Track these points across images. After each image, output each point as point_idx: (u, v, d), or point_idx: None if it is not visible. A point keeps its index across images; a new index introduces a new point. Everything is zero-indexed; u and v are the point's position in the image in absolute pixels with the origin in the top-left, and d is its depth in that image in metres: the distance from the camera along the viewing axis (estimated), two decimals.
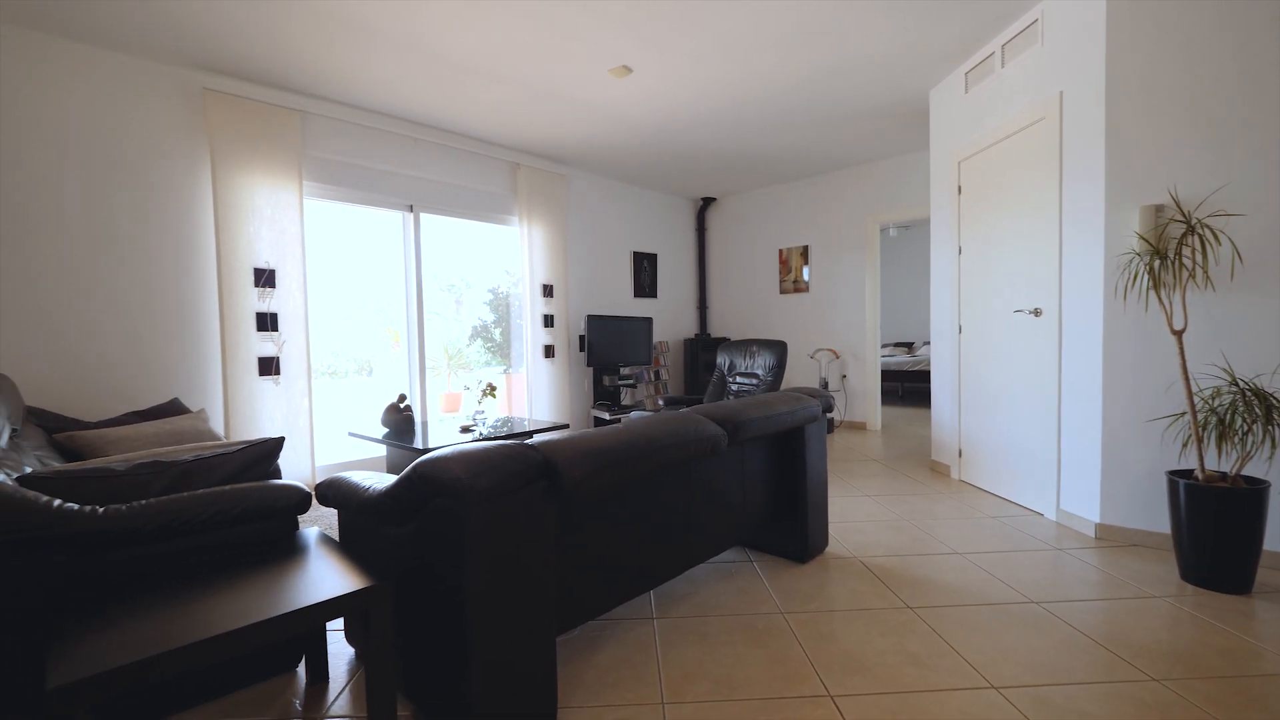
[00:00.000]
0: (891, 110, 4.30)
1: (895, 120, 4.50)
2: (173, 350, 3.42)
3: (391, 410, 3.36)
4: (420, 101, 3.97)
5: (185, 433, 2.76)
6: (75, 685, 0.96)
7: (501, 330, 5.99)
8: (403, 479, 1.41)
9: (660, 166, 5.57)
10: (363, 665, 1.85)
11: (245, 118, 3.56)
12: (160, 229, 3.36)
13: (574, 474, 1.44)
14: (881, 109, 4.27)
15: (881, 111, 4.32)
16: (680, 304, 6.80)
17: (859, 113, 4.33)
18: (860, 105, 4.19)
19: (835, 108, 4.22)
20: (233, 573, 1.44)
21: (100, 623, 1.19)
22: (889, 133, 4.78)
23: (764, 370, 4.18)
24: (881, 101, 4.13)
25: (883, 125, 4.61)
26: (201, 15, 2.87)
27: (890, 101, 4.14)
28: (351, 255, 5.27)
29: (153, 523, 1.50)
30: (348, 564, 1.47)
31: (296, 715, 1.62)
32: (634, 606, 2.17)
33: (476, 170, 4.82)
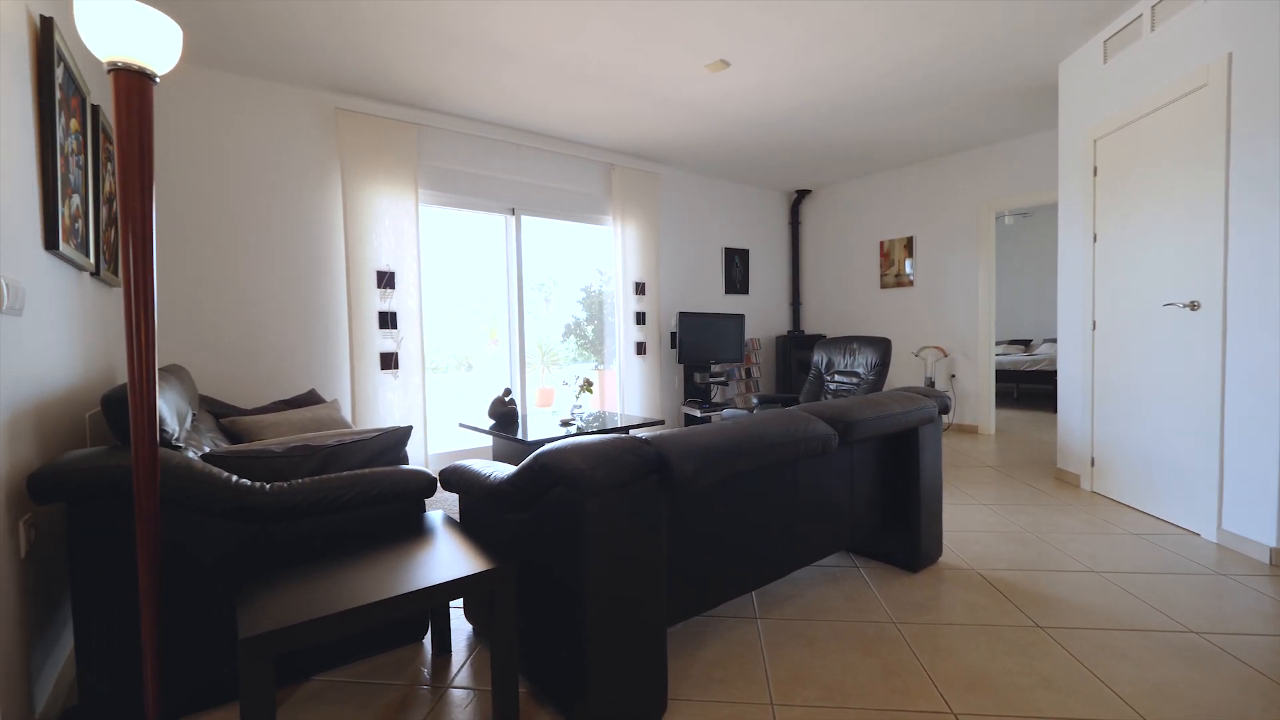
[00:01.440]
0: (1012, 88, 3.96)
1: (1016, 98, 4.14)
2: (309, 346, 3.79)
3: (497, 403, 3.54)
4: (523, 109, 4.14)
5: (323, 420, 3.06)
6: (262, 637, 1.10)
7: (594, 327, 6.14)
8: (524, 468, 1.49)
9: (753, 160, 5.47)
10: (481, 642, 1.97)
11: (370, 133, 3.88)
12: (300, 237, 3.74)
13: (686, 468, 1.45)
14: (1001, 87, 3.94)
15: (1001, 90, 3.99)
16: (772, 300, 6.66)
17: (974, 93, 4.03)
18: (976, 85, 3.89)
19: (947, 89, 3.95)
20: (374, 547, 1.58)
21: (271, 585, 1.34)
22: (1008, 112, 4.41)
23: (865, 369, 4.00)
24: (1001, 79, 3.82)
25: (1001, 104, 4.25)
26: (335, 44, 3.16)
27: (1011, 79, 3.81)
28: (454, 257, 5.60)
29: (308, 500, 1.67)
30: (471, 546, 1.57)
31: (424, 683, 1.75)
32: (736, 605, 2.16)
33: (573, 172, 4.96)
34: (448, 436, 4.57)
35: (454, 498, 3.58)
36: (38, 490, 1.36)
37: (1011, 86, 3.94)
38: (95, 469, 1.40)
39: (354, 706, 1.63)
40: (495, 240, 4.85)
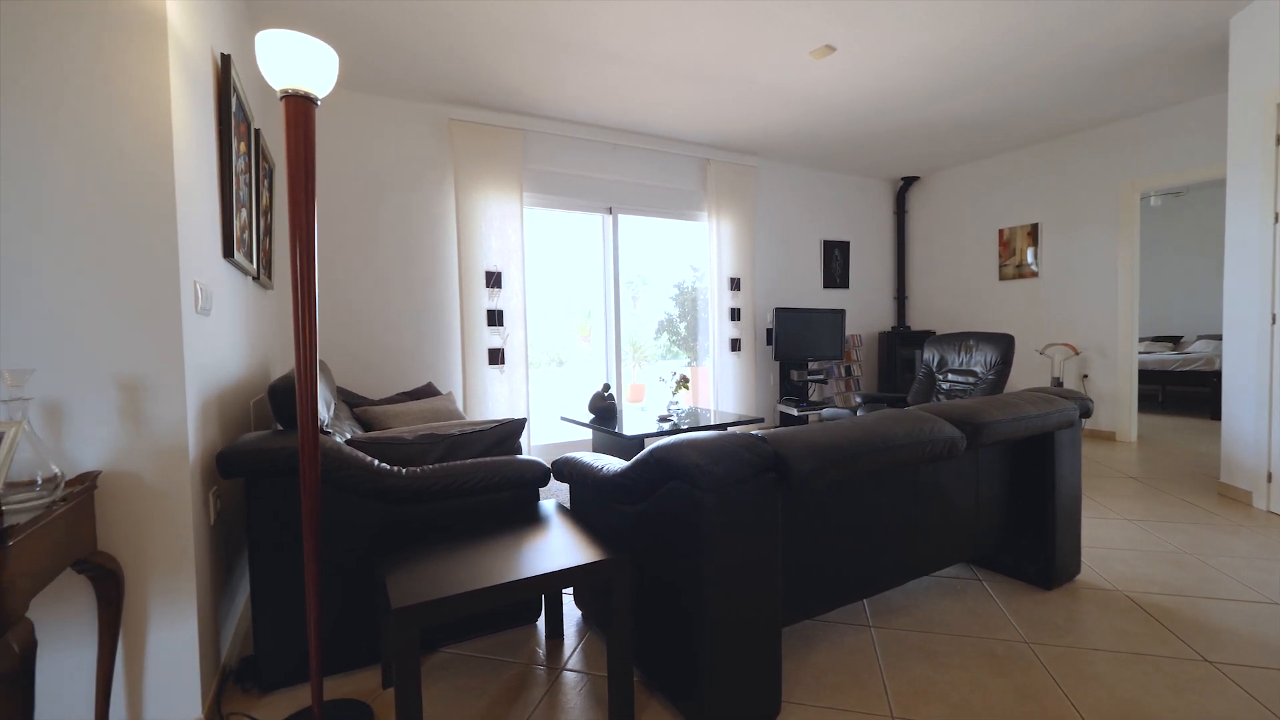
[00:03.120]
0: (1165, 51, 3.50)
1: (1172, 62, 3.66)
2: (426, 343, 4.09)
3: (597, 398, 3.63)
4: (622, 109, 4.21)
5: (440, 411, 3.28)
6: (412, 608, 1.20)
7: (686, 324, 6.14)
8: (639, 462, 1.52)
9: (856, 148, 5.22)
10: (590, 628, 2.03)
11: (479, 140, 4.11)
12: (418, 242, 4.03)
13: (803, 467, 1.41)
14: (1154, 51, 3.50)
15: (1154, 54, 3.54)
16: (875, 295, 6.33)
17: (1120, 59, 3.60)
18: (1124, 50, 3.48)
19: (1089, 58, 3.56)
20: (497, 530, 1.67)
21: (411, 561, 1.46)
22: (1158, 79, 3.90)
23: (983, 368, 3.71)
24: (1156, 41, 3.38)
25: (1152, 70, 3.77)
26: (450, 60, 3.37)
27: (1164, 41, 3.37)
28: (549, 257, 5.80)
29: (438, 484, 1.81)
30: (584, 535, 1.62)
31: (540, 664, 1.83)
32: (847, 612, 2.08)
33: (668, 169, 4.98)
34: (546, 429, 4.76)
35: (564, 487, 3.73)
36: (224, 467, 1.57)
37: (1164, 50, 3.48)
38: (267, 449, 1.59)
39: (479, 679, 1.74)
40: (589, 239, 4.97)
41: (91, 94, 1.34)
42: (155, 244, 1.41)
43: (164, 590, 1.44)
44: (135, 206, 1.39)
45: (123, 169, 1.37)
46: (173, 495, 1.44)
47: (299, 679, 1.70)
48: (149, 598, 1.43)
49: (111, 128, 1.36)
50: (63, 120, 1.32)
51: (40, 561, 1.05)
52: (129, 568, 1.40)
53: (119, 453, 1.38)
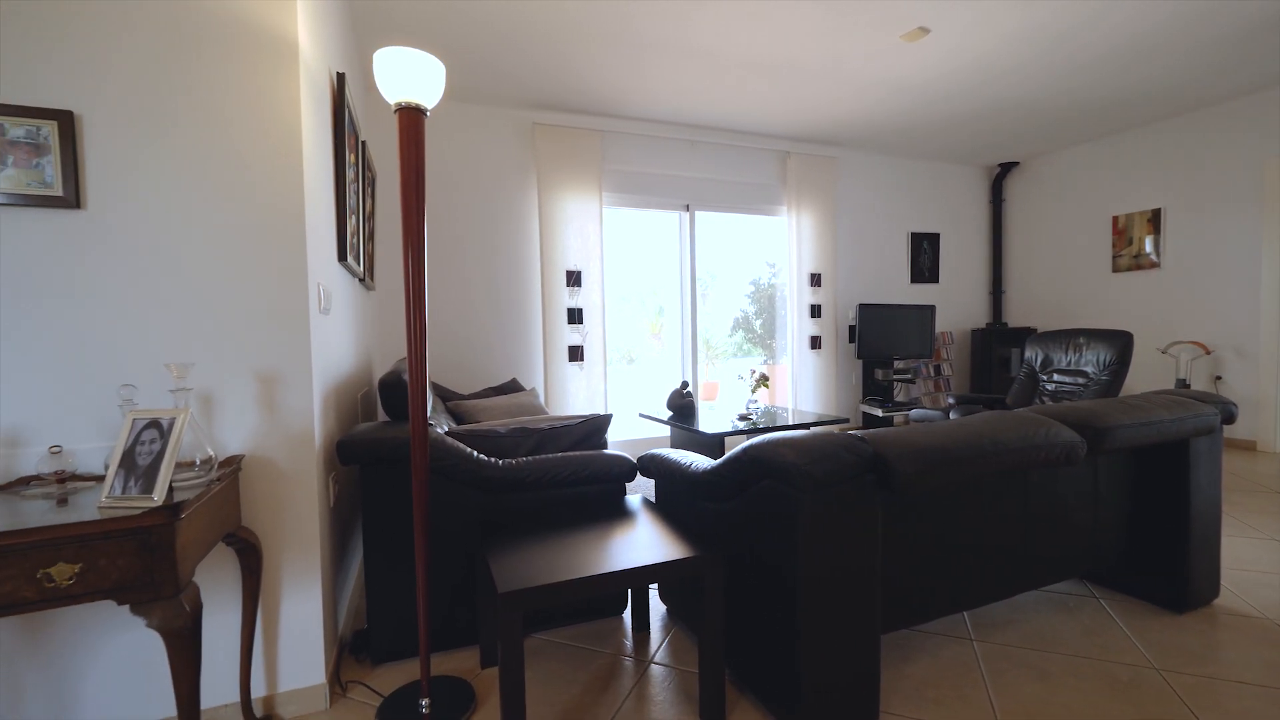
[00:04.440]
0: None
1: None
2: (510, 339, 4.25)
3: (675, 396, 3.64)
4: (700, 105, 4.19)
5: (525, 406, 3.40)
6: (518, 593, 1.25)
7: (763, 321, 6.03)
8: (732, 460, 1.51)
9: (948, 134, 4.93)
10: (676, 623, 2.04)
11: (561, 143, 4.22)
12: (503, 243, 4.19)
13: (906, 470, 1.35)
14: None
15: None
16: (967, 289, 5.96)
17: (1259, 21, 3.19)
18: (1264, 9, 3.08)
19: (1230, 22, 3.18)
20: (588, 522, 1.72)
21: (512, 547, 1.53)
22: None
23: (1095, 367, 3.41)
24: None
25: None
26: (535, 67, 3.47)
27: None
28: (623, 255, 5.86)
29: (533, 475, 1.87)
30: (672, 531, 1.63)
31: (627, 655, 1.86)
32: (945, 623, 1.98)
33: (746, 164, 4.91)
34: (621, 425, 4.81)
35: (647, 482, 3.77)
36: (344, 454, 1.70)
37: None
38: (382, 439, 1.71)
39: (570, 665, 1.79)
40: (663, 237, 4.98)
41: (235, 118, 1.49)
42: (287, 250, 1.55)
43: (294, 564, 1.58)
44: (271, 217, 1.53)
45: (261, 184, 1.52)
46: (302, 478, 1.58)
47: (406, 654, 1.82)
48: (282, 571, 1.57)
49: (252, 147, 1.50)
50: (213, 143, 1.47)
51: (202, 533, 1.19)
52: (266, 543, 1.55)
53: (258, 438, 1.53)
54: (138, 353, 1.42)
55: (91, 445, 1.39)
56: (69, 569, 0.99)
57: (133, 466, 1.13)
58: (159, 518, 1.04)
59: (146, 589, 1.04)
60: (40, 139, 1.33)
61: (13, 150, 1.32)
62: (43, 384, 1.36)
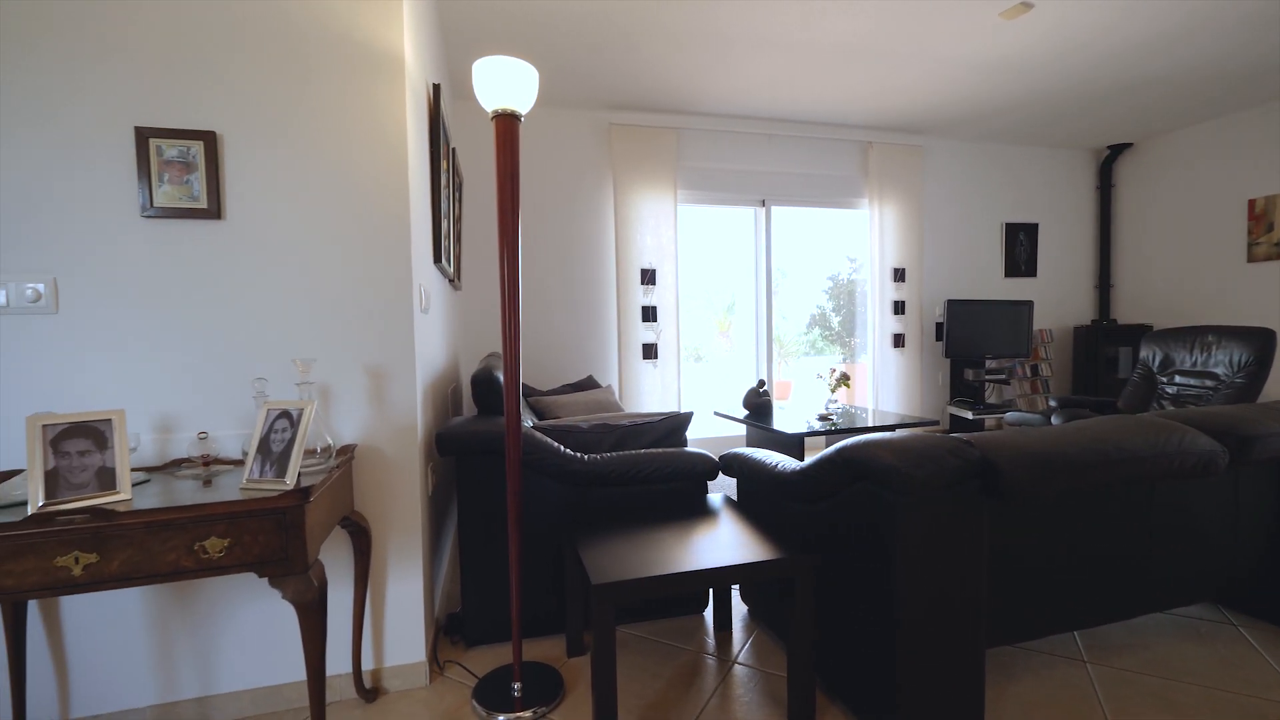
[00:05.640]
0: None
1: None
2: (586, 337, 4.33)
3: (752, 394, 3.59)
4: (778, 97, 4.09)
5: (602, 403, 3.46)
6: (611, 585, 1.28)
7: (841, 318, 5.83)
8: (824, 461, 1.47)
9: (1049, 115, 4.57)
10: (758, 624, 2.02)
11: (637, 142, 4.25)
12: (579, 242, 4.28)
13: (1018, 476, 1.27)
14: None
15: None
16: (1069, 283, 5.50)
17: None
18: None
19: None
20: (673, 519, 1.72)
21: (600, 540, 1.56)
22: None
23: (1228, 369, 3.07)
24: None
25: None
26: (614, 69, 3.52)
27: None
28: (692, 253, 5.82)
29: (617, 471, 1.90)
30: (759, 531, 1.61)
31: (709, 653, 1.86)
32: (1054, 642, 1.84)
33: (825, 156, 4.76)
34: (693, 423, 4.80)
35: (723, 481, 3.74)
36: (442, 445, 1.80)
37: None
38: (477, 432, 1.79)
39: (653, 660, 1.81)
40: (736, 234, 4.91)
41: (348, 131, 1.60)
42: (394, 254, 1.65)
43: (398, 548, 1.69)
44: (380, 223, 1.63)
45: (371, 193, 1.62)
46: (406, 467, 1.68)
47: (496, 638, 1.90)
48: (388, 553, 1.68)
49: (363, 158, 1.61)
50: (329, 156, 1.59)
51: (325, 515, 1.29)
52: (374, 527, 1.66)
53: (368, 429, 1.64)
54: (267, 349, 1.56)
55: (228, 432, 1.54)
56: (220, 543, 1.11)
57: (268, 452, 1.24)
58: (292, 500, 1.14)
59: (281, 564, 1.14)
60: (190, 158, 1.49)
61: (168, 169, 1.48)
62: (189, 376, 1.52)
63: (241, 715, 1.58)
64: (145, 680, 1.52)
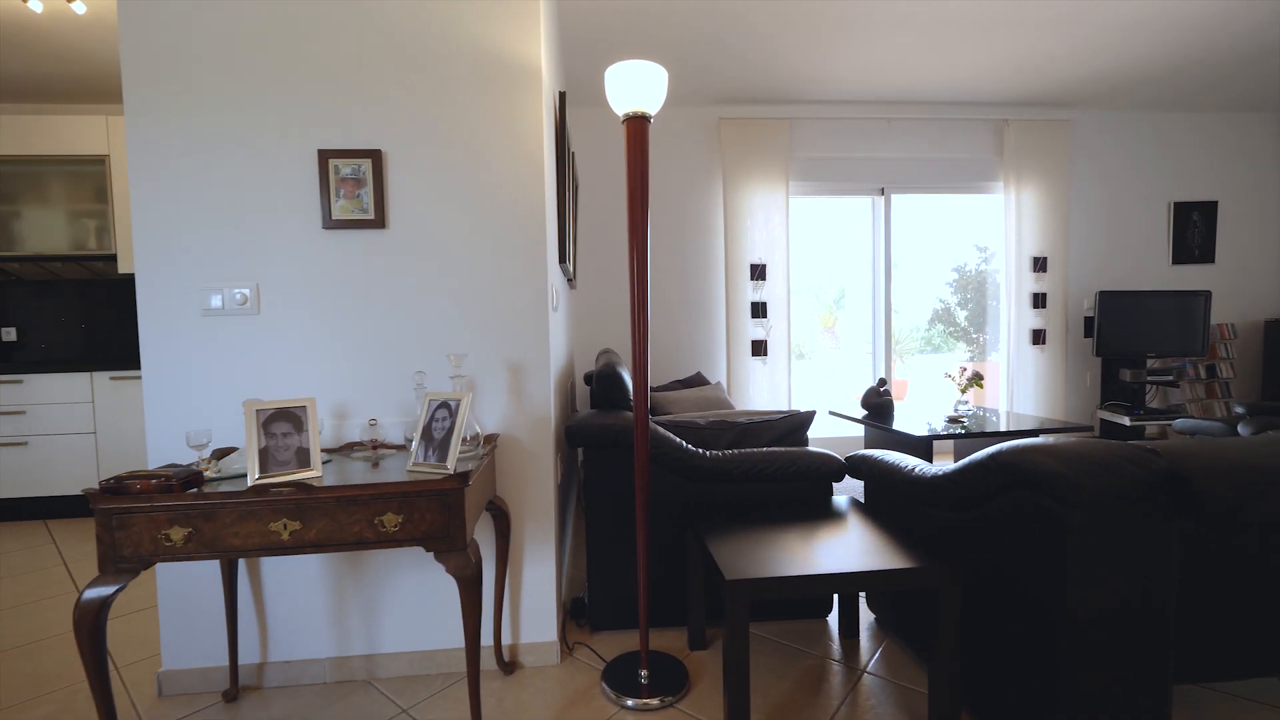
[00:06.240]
0: None
1: None
2: (694, 333, 4.34)
3: (871, 394, 3.42)
4: (898, 79, 3.86)
5: (712, 399, 3.45)
6: (745, 581, 1.28)
7: (968, 312, 5.40)
8: (975, 465, 1.37)
9: (1228, 74, 3.92)
10: (887, 634, 1.93)
11: (747, 134, 4.18)
12: (688, 238, 4.29)
13: (1217, 492, 1.11)
14: None
15: None
16: (1257, 269, 4.71)
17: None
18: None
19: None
20: (797, 519, 1.69)
21: (726, 536, 1.56)
22: None
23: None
24: None
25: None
26: (725, 62, 3.48)
27: None
28: (800, 247, 5.62)
29: (739, 468, 1.90)
30: (891, 537, 1.53)
31: (835, 659, 1.80)
32: (1255, 686, 1.59)
33: (953, 138, 4.41)
34: None
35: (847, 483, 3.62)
36: (571, 437, 1.88)
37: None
38: (606, 425, 1.86)
39: (779, 660, 1.78)
40: (849, 225, 4.69)
41: (491, 142, 1.72)
42: (531, 256, 1.75)
43: (533, 532, 1.80)
44: (519, 227, 1.74)
45: (511, 199, 1.73)
46: (540, 456, 1.78)
47: (620, 624, 1.97)
48: (524, 537, 1.79)
49: (505, 167, 1.72)
50: (474, 166, 1.71)
51: (478, 498, 1.40)
52: (512, 511, 1.77)
53: (507, 420, 1.76)
54: (423, 344, 1.72)
55: (391, 419, 1.71)
56: (395, 518, 1.24)
57: (430, 439, 1.37)
58: (454, 483, 1.25)
59: (444, 540, 1.26)
60: (360, 174, 1.67)
61: (343, 185, 1.67)
62: (359, 369, 1.71)
63: (400, 674, 1.76)
64: (325, 634, 1.74)
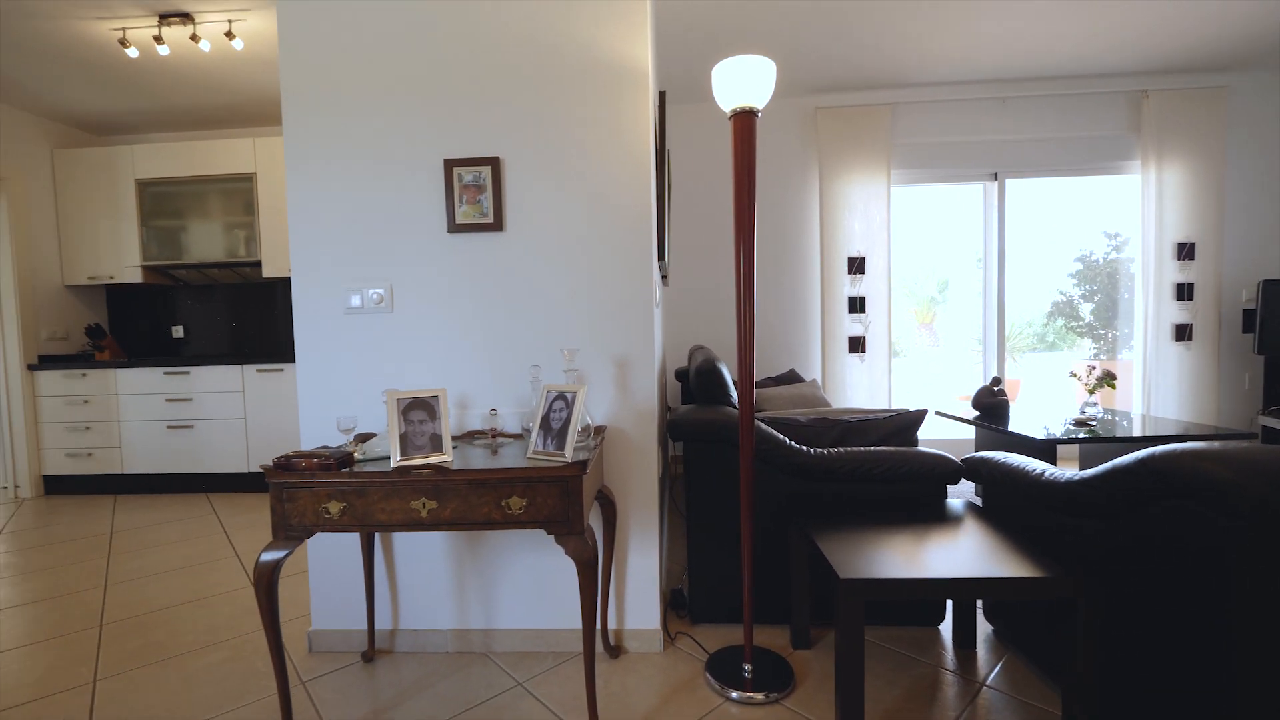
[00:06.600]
0: None
1: None
2: (787, 329, 4.25)
3: (985, 393, 3.20)
4: (1013, 52, 3.56)
5: (808, 397, 3.37)
6: (862, 581, 1.26)
7: (1095, 305, 4.90)
8: (1121, 470, 1.26)
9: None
10: (1007, 648, 1.81)
11: (846, 123, 4.03)
12: (782, 232, 4.20)
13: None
14: None
15: None
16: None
17: None
18: None
19: None
20: (910, 521, 1.62)
21: (835, 535, 1.53)
22: None
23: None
24: None
25: None
26: (819, 51, 3.37)
27: None
28: (899, 239, 5.32)
29: (846, 467, 1.85)
30: (1014, 544, 1.44)
31: (949, 669, 1.72)
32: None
33: (1079, 115, 4.02)
34: None
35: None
36: (674, 431, 1.92)
37: None
38: (710, 420, 1.88)
39: (889, 666, 1.73)
40: (954, 214, 4.39)
41: (601, 144, 1.78)
42: (638, 253, 1.80)
43: (638, 522, 1.85)
44: (627, 226, 1.79)
45: (620, 199, 1.79)
46: (645, 449, 1.83)
47: (720, 618, 1.98)
48: (629, 527, 1.85)
49: (614, 168, 1.78)
50: (585, 168, 1.78)
51: (591, 487, 1.47)
52: (618, 501, 1.84)
53: (614, 412, 1.82)
54: (537, 339, 1.82)
55: (507, 410, 1.82)
56: (520, 502, 1.32)
57: (549, 429, 1.45)
58: (574, 470, 1.32)
59: (564, 524, 1.33)
60: (481, 181, 1.79)
61: (466, 191, 1.79)
62: (478, 362, 1.83)
63: (513, 649, 1.87)
64: (448, 607, 1.88)
